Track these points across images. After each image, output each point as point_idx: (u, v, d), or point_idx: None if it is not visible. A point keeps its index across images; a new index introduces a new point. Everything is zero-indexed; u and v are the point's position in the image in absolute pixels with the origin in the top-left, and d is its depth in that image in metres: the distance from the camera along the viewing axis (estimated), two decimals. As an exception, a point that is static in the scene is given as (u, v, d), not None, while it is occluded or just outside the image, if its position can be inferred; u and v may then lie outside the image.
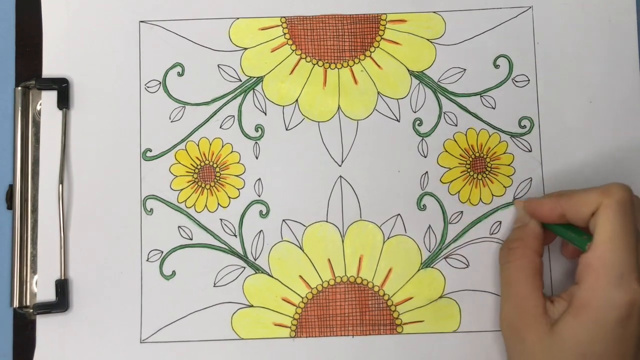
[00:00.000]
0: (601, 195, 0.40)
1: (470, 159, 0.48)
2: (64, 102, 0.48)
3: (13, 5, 0.49)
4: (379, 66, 0.49)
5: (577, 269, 0.41)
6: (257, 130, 0.48)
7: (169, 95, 0.48)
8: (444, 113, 0.48)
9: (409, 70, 0.49)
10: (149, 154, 0.48)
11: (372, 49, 0.49)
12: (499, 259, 0.45)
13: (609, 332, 0.38)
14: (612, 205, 0.40)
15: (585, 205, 0.41)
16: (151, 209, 0.47)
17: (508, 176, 0.48)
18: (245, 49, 0.49)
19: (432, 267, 0.47)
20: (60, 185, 0.47)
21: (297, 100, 0.49)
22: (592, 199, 0.40)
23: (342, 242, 0.47)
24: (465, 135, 0.48)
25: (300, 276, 0.47)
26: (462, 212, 0.48)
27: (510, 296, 0.43)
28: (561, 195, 0.43)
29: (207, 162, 0.48)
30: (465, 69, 0.49)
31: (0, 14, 0.49)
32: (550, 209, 0.43)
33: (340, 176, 0.48)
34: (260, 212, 0.48)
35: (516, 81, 0.48)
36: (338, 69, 0.49)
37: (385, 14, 0.49)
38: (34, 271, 0.47)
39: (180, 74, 0.49)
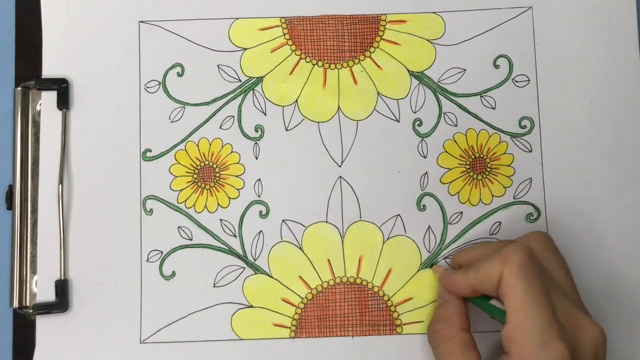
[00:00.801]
0: (501, 264, 0.39)
1: (470, 160, 0.48)
2: (63, 102, 0.48)
3: (13, 6, 0.49)
4: (378, 66, 0.49)
5: (502, 341, 0.39)
6: (256, 131, 0.48)
7: (169, 96, 0.48)
8: (444, 113, 0.48)
9: (408, 70, 0.49)
10: (148, 154, 0.48)
11: (371, 50, 0.49)
12: (429, 341, 0.44)
13: None
14: (513, 272, 0.39)
15: (489, 278, 0.40)
16: (151, 209, 0.47)
17: (508, 176, 0.48)
18: (245, 49, 0.49)
19: (431, 268, 0.47)
20: (60, 186, 0.47)
21: (296, 100, 0.49)
22: (494, 270, 0.39)
23: (342, 242, 0.47)
24: (465, 135, 0.48)
25: (300, 276, 0.47)
26: (461, 212, 0.48)
27: None
28: (469, 270, 0.41)
29: (206, 162, 0.48)
30: (465, 69, 0.48)
31: (0, 14, 0.49)
32: (462, 285, 0.42)
33: (340, 176, 0.48)
34: (260, 212, 0.48)
35: (516, 81, 0.48)
36: (338, 69, 0.49)
37: (385, 14, 0.49)
38: (34, 271, 0.47)
39: (180, 74, 0.49)
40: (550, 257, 0.41)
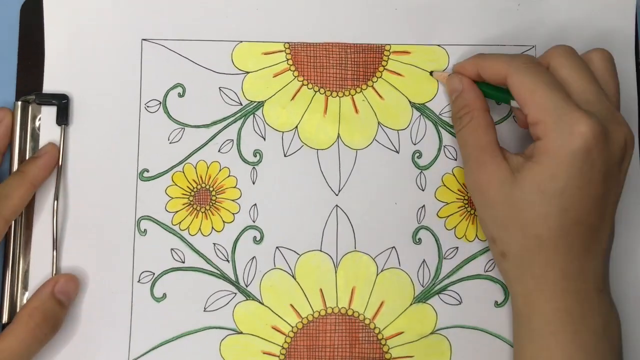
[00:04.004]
0: (507, 64, 0.42)
1: (468, 195, 0.48)
2: (62, 118, 0.47)
3: (17, 20, 0.49)
4: (380, 96, 0.49)
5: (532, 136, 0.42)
6: (255, 155, 0.48)
7: (169, 116, 0.48)
8: (444, 147, 0.48)
9: (410, 101, 0.49)
10: (145, 174, 0.48)
11: (374, 79, 0.49)
12: (455, 131, 0.47)
13: (568, 167, 0.39)
14: (519, 69, 0.42)
15: (496, 72, 0.43)
16: (145, 230, 0.47)
17: (505, 213, 0.48)
18: (248, 72, 0.49)
19: (424, 302, 0.47)
20: (55, 202, 0.47)
21: (296, 126, 0.48)
22: (501, 68, 0.43)
23: (335, 272, 0.47)
24: (464, 170, 0.48)
25: (291, 305, 0.47)
26: (457, 247, 0.47)
27: (469, 155, 0.44)
28: (479, 57, 0.45)
29: (203, 185, 0.48)
30: (467, 104, 0.48)
31: (4, 28, 0.49)
32: (470, 69, 0.45)
33: (337, 205, 0.48)
34: (254, 238, 0.47)
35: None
36: (339, 97, 0.49)
37: (389, 44, 0.49)
38: (25, 287, 0.47)
39: (180, 95, 0.48)
40: (568, 65, 0.42)
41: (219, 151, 0.48)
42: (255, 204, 0.48)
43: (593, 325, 0.41)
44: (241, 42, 0.49)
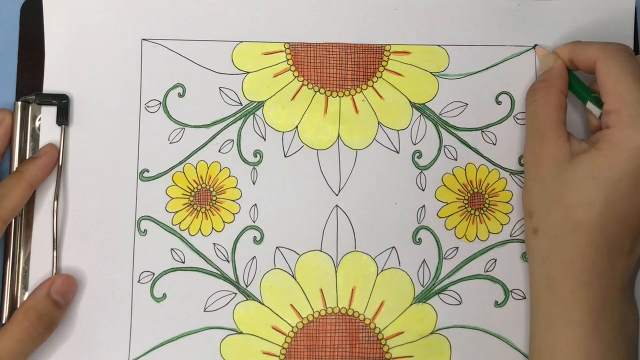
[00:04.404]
0: (600, 50, 0.42)
1: (469, 195, 0.48)
2: (62, 118, 0.47)
3: (17, 20, 0.49)
4: (380, 96, 0.49)
5: (602, 124, 0.42)
6: (255, 156, 0.48)
7: (169, 116, 0.48)
8: (444, 147, 0.48)
9: (410, 102, 0.49)
10: (146, 174, 0.48)
11: (374, 79, 0.49)
12: (525, 100, 0.46)
13: (628, 161, 0.39)
14: (610, 55, 0.42)
15: (587, 56, 0.43)
16: (145, 230, 0.47)
17: (506, 214, 0.48)
18: (248, 72, 0.49)
19: (424, 302, 0.47)
20: (56, 202, 0.47)
21: (297, 127, 0.48)
22: (593, 52, 0.43)
23: (335, 272, 0.47)
24: (465, 170, 0.48)
25: (291, 305, 0.47)
26: (457, 247, 0.47)
27: (534, 129, 0.44)
28: (575, 43, 0.45)
29: (203, 185, 0.48)
30: (467, 104, 0.48)
31: (4, 28, 0.49)
32: (564, 54, 0.45)
33: (337, 205, 0.48)
34: (254, 238, 0.47)
35: (517, 118, 0.48)
36: (339, 97, 0.49)
37: (390, 44, 0.49)
38: (25, 287, 0.47)
39: (181, 95, 0.48)
40: None
41: (219, 151, 0.48)
42: (255, 204, 0.48)
43: (612, 321, 0.40)
44: (241, 42, 0.49)
